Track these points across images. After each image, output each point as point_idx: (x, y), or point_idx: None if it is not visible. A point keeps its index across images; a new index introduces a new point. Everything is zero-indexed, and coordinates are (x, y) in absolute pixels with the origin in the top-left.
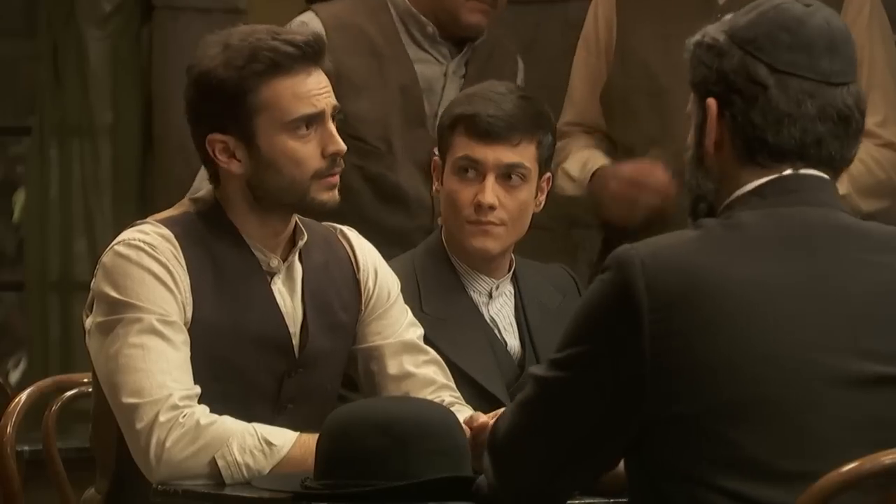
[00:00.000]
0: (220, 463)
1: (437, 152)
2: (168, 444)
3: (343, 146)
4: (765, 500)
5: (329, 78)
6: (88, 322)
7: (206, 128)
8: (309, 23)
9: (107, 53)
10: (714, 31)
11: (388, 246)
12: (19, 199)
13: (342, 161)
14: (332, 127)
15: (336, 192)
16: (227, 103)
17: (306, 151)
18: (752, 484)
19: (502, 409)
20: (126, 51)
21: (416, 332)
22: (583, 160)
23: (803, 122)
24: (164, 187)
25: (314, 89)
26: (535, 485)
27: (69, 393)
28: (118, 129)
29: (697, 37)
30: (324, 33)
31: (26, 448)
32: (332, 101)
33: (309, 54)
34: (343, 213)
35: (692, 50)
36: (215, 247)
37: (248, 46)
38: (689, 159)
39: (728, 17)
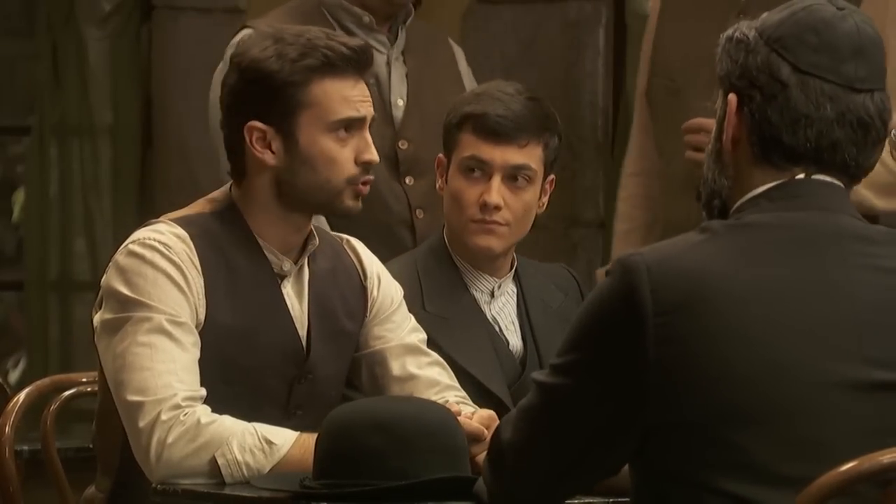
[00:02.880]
0: (221, 461)
1: (402, 146)
2: (168, 442)
3: (376, 156)
4: None
5: (369, 88)
6: (97, 318)
7: (245, 116)
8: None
9: (106, 53)
10: (746, 27)
11: (372, 242)
12: (19, 198)
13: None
14: (369, 136)
15: (360, 201)
16: (274, 94)
17: (343, 155)
18: (757, 488)
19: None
20: (125, 51)
21: (418, 336)
22: None
23: (820, 125)
24: (163, 187)
25: (359, 95)
26: (536, 491)
27: (68, 393)
28: (117, 129)
29: (729, 31)
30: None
31: (25, 448)
32: (372, 111)
33: (361, 62)
34: (326, 219)
35: (722, 43)
36: (229, 249)
37: (303, 42)
38: (707, 153)
39: (764, 14)
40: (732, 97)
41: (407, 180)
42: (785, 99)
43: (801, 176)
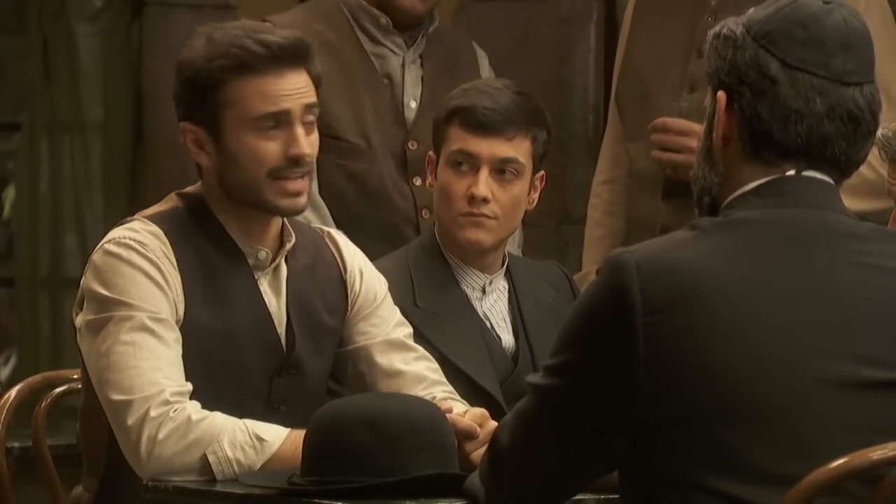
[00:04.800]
0: (211, 458)
1: (412, 147)
2: (159, 438)
3: (305, 149)
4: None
5: (314, 81)
6: (79, 320)
7: (181, 116)
8: None
9: (97, 49)
10: (733, 23)
11: (377, 240)
12: (9, 195)
13: (305, 163)
14: (300, 130)
15: (299, 199)
16: (199, 95)
17: (266, 149)
18: (745, 487)
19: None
20: (116, 47)
21: (403, 332)
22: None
23: (810, 120)
24: (154, 183)
25: (283, 90)
26: (537, 493)
27: (59, 389)
28: (108, 126)
29: (717, 28)
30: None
31: (16, 445)
32: (305, 101)
33: (281, 56)
34: (330, 213)
35: (710, 41)
36: (203, 244)
37: (223, 42)
38: (698, 151)
39: (750, 10)
40: (721, 94)
41: (415, 180)
42: (774, 94)
43: (792, 173)
